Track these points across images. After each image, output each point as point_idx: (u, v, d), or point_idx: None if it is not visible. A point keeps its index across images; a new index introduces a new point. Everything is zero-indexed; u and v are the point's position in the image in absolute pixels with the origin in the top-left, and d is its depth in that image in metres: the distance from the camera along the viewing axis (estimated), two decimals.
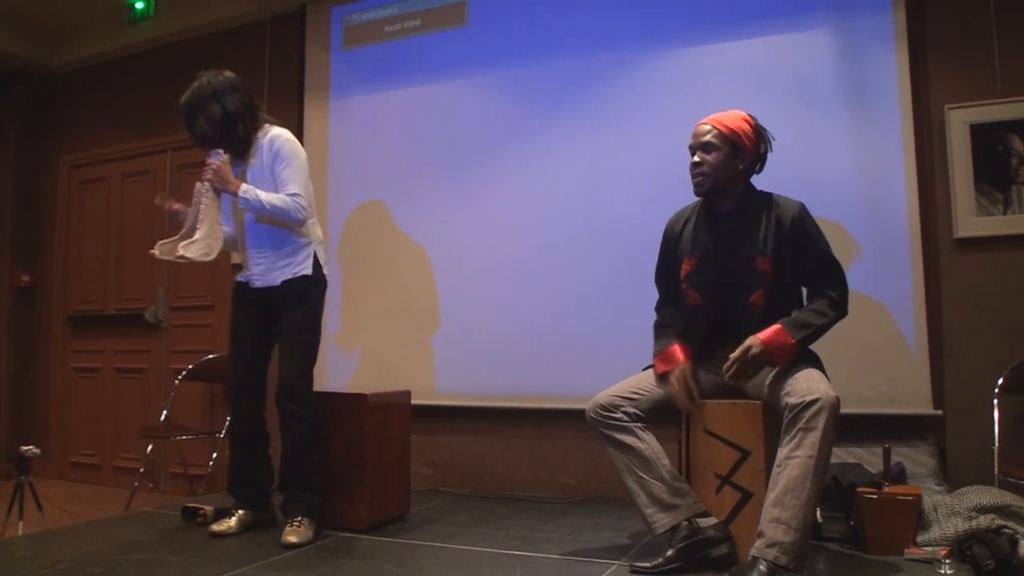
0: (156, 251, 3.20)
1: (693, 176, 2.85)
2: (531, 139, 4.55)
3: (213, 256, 3.23)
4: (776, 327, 2.66)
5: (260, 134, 3.34)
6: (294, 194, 3.23)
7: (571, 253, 4.38)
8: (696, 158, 2.84)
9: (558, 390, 4.32)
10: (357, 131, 5.05)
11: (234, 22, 5.58)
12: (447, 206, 4.74)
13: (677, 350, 2.87)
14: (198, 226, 3.19)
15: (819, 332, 2.70)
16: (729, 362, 2.67)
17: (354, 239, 4.99)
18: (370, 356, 4.88)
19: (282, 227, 3.29)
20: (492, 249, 4.59)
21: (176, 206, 3.31)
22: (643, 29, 4.34)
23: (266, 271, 3.31)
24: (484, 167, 4.67)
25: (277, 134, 3.32)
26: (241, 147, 3.33)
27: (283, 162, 3.27)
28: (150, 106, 5.98)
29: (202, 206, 3.20)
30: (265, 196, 3.19)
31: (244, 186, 3.19)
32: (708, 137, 2.82)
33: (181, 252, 3.14)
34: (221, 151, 3.26)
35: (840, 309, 2.75)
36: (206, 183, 3.21)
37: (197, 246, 3.16)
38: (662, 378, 2.85)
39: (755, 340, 2.65)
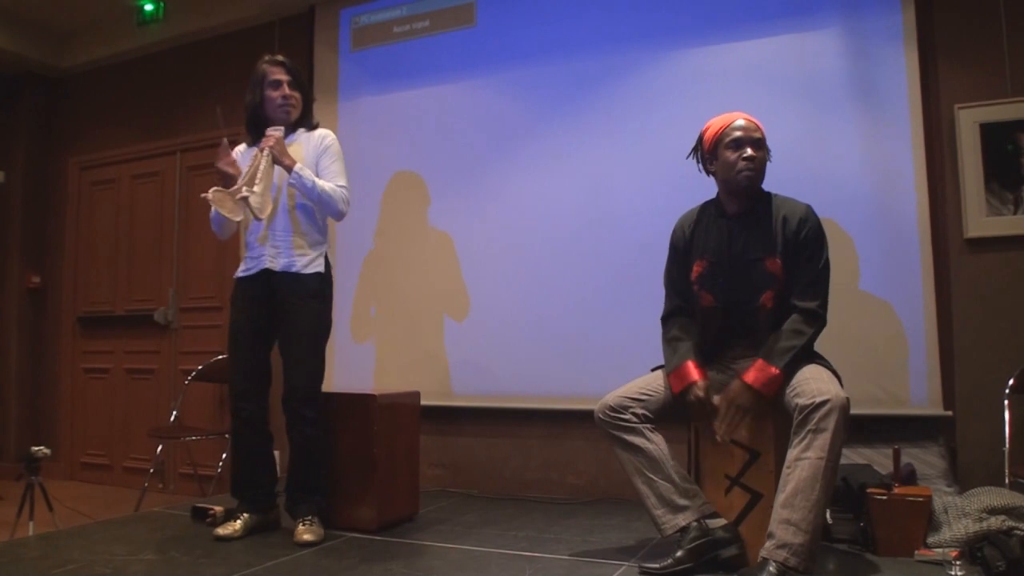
0: (208, 195, 3.14)
1: (744, 168, 2.80)
2: (539, 141, 4.55)
3: (264, 215, 3.22)
4: (758, 363, 2.66)
5: (307, 125, 3.48)
6: (343, 186, 3.36)
7: (579, 254, 4.37)
8: (750, 151, 2.80)
9: (566, 391, 4.31)
10: (366, 132, 5.05)
11: (243, 24, 5.60)
12: (455, 208, 4.75)
13: (692, 368, 2.80)
14: (257, 182, 3.17)
15: (801, 351, 2.67)
16: (719, 424, 2.68)
17: (362, 241, 4.99)
18: (382, 358, 4.88)
19: (316, 217, 3.35)
20: (499, 251, 4.59)
21: (228, 164, 3.29)
22: (651, 30, 4.33)
23: (281, 254, 3.29)
24: (493, 169, 4.67)
25: (328, 132, 3.49)
26: (299, 124, 3.44)
27: (333, 157, 3.40)
28: (159, 108, 6.01)
29: (261, 166, 3.19)
30: (318, 180, 3.27)
31: (299, 164, 3.24)
32: (758, 134, 2.84)
33: (246, 194, 3.11)
34: (282, 127, 3.31)
35: (819, 321, 2.73)
36: (266, 149, 3.22)
37: (256, 198, 3.14)
38: (678, 397, 2.82)
39: (739, 385, 2.66)
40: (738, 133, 2.85)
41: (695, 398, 2.75)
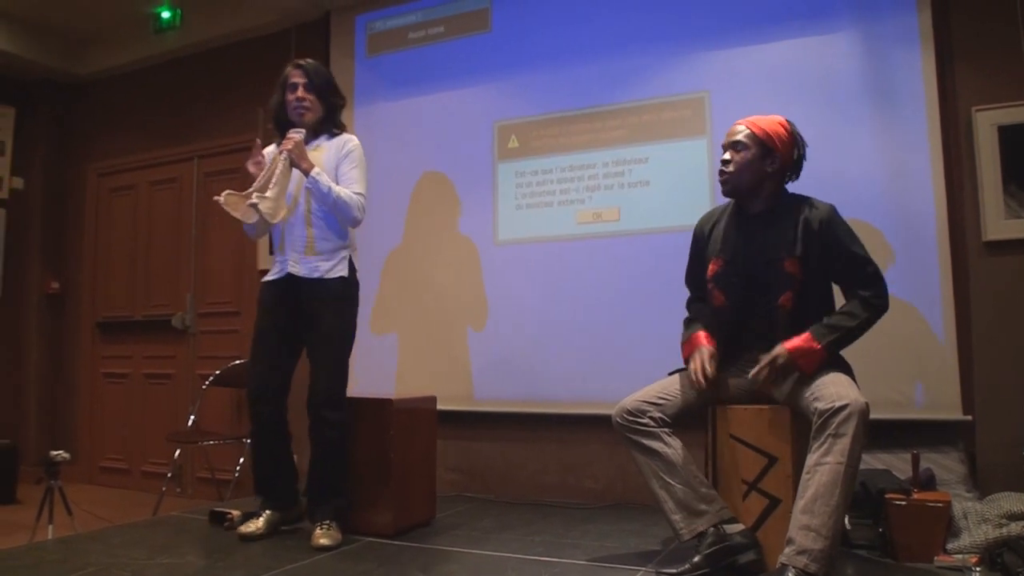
0: (221, 198, 3.16)
1: (720, 173, 2.86)
2: (554, 144, 4.56)
3: (275, 221, 3.22)
4: (804, 334, 2.65)
5: (329, 130, 3.47)
6: (360, 193, 3.34)
7: (599, 259, 4.37)
8: (725, 156, 2.83)
9: (583, 395, 4.31)
10: (381, 138, 5.06)
11: (259, 31, 5.63)
12: (472, 213, 4.75)
13: (702, 336, 2.87)
14: (271, 186, 3.17)
15: (851, 334, 2.68)
16: (757, 368, 2.67)
17: (377, 246, 5.00)
18: (404, 361, 4.89)
19: (336, 222, 3.34)
20: (516, 257, 4.60)
21: (259, 159, 3.31)
22: (666, 34, 4.33)
23: (303, 259, 3.31)
24: (509, 173, 4.67)
25: (351, 137, 3.47)
26: (321, 129, 3.44)
27: (353, 162, 3.38)
28: (177, 114, 6.05)
29: (278, 170, 3.20)
30: (334, 185, 3.26)
31: (317, 168, 3.24)
32: (739, 137, 2.81)
33: (255, 200, 3.11)
34: (303, 130, 3.32)
35: (873, 309, 2.71)
36: (284, 153, 3.22)
37: (268, 203, 3.14)
38: (687, 362, 2.83)
39: (782, 349, 2.64)
40: (724, 139, 2.88)
41: (699, 361, 2.78)
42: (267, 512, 3.34)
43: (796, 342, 2.64)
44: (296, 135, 3.26)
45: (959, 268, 3.68)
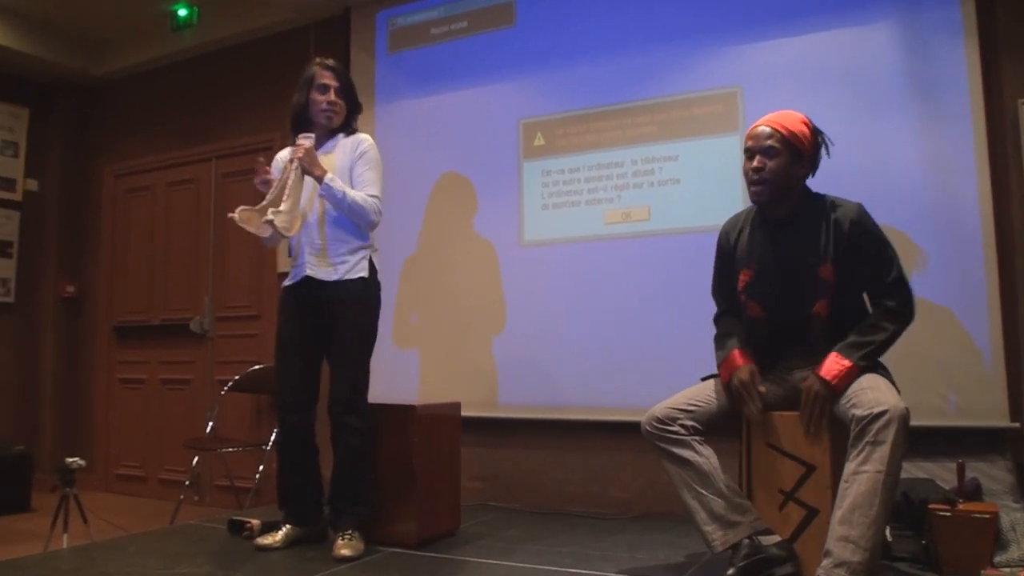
0: (236, 215, 3.15)
1: (752, 182, 2.75)
2: (580, 141, 4.49)
3: (292, 233, 3.20)
4: (832, 355, 2.59)
5: (346, 132, 3.46)
6: (375, 195, 3.31)
7: (626, 262, 4.31)
8: (756, 163, 2.72)
9: (611, 402, 4.24)
10: (403, 135, 5.02)
11: (278, 28, 5.60)
12: (497, 214, 4.70)
13: (737, 355, 2.77)
14: (284, 199, 3.16)
15: (880, 348, 2.61)
16: (807, 419, 2.61)
17: (401, 245, 4.95)
18: (426, 366, 4.85)
19: (353, 223, 3.31)
20: (542, 259, 4.54)
21: (266, 176, 3.29)
22: (695, 27, 4.26)
23: (321, 263, 3.28)
24: (535, 171, 4.61)
25: (365, 137, 3.44)
26: (339, 130, 3.43)
27: (368, 164, 3.36)
28: (194, 114, 6.05)
29: (290, 181, 3.18)
30: (349, 190, 3.24)
31: (330, 174, 3.22)
32: (770, 141, 2.71)
33: (271, 217, 3.10)
34: (312, 134, 3.29)
35: (899, 319, 2.64)
36: (295, 161, 3.20)
37: (284, 217, 3.13)
38: (728, 386, 2.76)
39: (814, 380, 2.59)
40: (749, 142, 2.79)
41: (739, 382, 2.70)
42: (288, 527, 3.31)
43: (825, 367, 2.58)
44: (306, 141, 3.24)
45: (1006, 268, 3.58)
